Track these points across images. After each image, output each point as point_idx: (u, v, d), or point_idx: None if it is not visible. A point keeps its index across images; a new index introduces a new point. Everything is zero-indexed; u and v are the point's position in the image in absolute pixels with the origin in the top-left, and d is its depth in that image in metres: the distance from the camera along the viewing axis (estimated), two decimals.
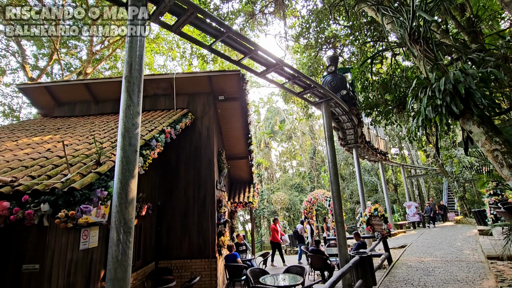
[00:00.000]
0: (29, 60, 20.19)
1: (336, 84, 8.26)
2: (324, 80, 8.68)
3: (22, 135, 7.11)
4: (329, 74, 8.63)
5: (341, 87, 8.23)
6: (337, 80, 8.31)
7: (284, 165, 40.91)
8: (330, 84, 8.42)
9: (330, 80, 8.51)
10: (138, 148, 3.27)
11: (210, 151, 8.66)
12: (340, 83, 8.22)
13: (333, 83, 8.33)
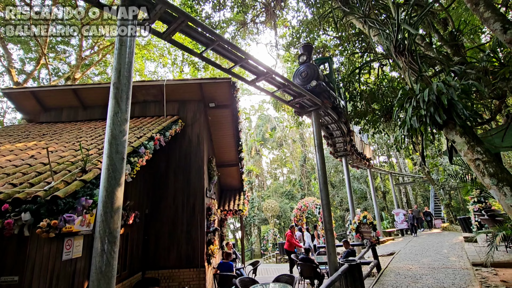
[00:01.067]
0: (15, 64, 19.75)
1: (308, 74, 7.10)
2: (295, 72, 7.55)
3: (5, 141, 6.89)
4: (301, 65, 7.45)
5: (312, 77, 7.00)
6: (309, 71, 7.14)
7: (275, 172, 40.95)
8: (301, 75, 7.20)
9: (301, 71, 7.29)
10: (125, 155, 3.22)
11: (200, 158, 8.59)
12: (312, 74, 7.05)
13: (303, 74, 7.13)
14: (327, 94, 7.16)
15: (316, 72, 7.02)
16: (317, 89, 6.80)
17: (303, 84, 7.07)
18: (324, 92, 7.04)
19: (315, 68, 7.11)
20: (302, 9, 9.54)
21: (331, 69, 8.13)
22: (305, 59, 7.43)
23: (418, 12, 5.45)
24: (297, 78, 7.34)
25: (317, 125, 6.84)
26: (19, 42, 19.51)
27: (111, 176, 2.99)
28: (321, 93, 6.96)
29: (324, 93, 7.05)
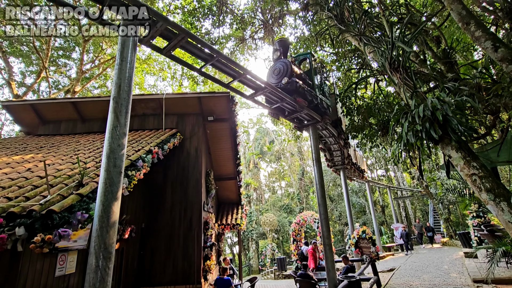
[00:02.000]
0: (16, 77, 19.92)
1: (280, 71, 6.44)
2: (269, 70, 6.92)
3: (2, 153, 6.86)
4: (276, 61, 6.79)
5: (284, 74, 6.32)
6: (281, 67, 6.48)
7: (273, 185, 40.72)
8: (273, 73, 6.50)
9: (274, 68, 6.63)
10: (123, 169, 3.22)
11: (198, 172, 8.56)
12: (285, 70, 6.38)
13: (276, 71, 6.48)
14: (302, 92, 6.33)
15: (289, 68, 6.36)
16: (289, 86, 6.11)
17: (277, 83, 6.43)
18: (298, 90, 6.20)
19: (288, 64, 6.43)
20: (299, 26, 9.84)
21: (311, 66, 7.41)
22: (279, 55, 6.76)
23: (412, 30, 5.63)
24: (271, 76, 6.66)
25: (314, 139, 6.88)
26: (21, 55, 19.76)
27: (108, 190, 2.98)
28: (295, 91, 6.19)
29: (298, 91, 6.23)
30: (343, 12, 5.25)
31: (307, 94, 6.48)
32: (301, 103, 6.14)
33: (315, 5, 6.67)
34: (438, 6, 6.81)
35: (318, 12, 6.47)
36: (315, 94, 6.88)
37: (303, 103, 6.24)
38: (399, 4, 6.56)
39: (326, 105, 7.42)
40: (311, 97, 6.70)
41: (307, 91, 6.52)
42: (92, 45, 20.45)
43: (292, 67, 6.36)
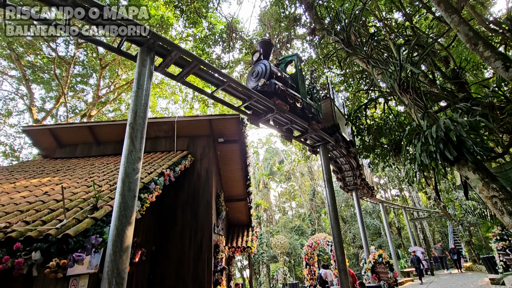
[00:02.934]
0: (36, 102, 20.94)
1: (259, 73, 5.95)
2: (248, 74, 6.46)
3: (21, 176, 7.08)
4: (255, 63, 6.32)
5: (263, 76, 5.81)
6: (259, 69, 6.00)
7: (284, 206, 39.98)
8: (252, 76, 6.04)
9: (253, 71, 6.16)
10: (137, 193, 3.27)
11: (209, 193, 8.55)
12: (263, 72, 5.88)
13: (254, 74, 6.01)
14: (282, 95, 5.76)
15: (268, 69, 5.84)
16: (266, 88, 5.59)
17: (255, 86, 5.95)
18: (277, 92, 5.62)
19: (266, 66, 5.93)
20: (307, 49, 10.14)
21: (297, 68, 6.84)
22: (259, 57, 6.23)
23: (419, 51, 5.71)
24: (250, 80, 6.17)
25: (325, 160, 6.84)
26: (42, 82, 20.88)
27: (122, 214, 3.02)
28: (274, 93, 5.63)
29: (277, 93, 5.64)
30: (349, 36, 5.41)
31: (288, 97, 5.91)
32: (281, 105, 5.55)
33: (321, 30, 6.90)
34: (444, 27, 6.92)
35: (325, 37, 6.67)
36: (297, 96, 6.27)
37: (283, 106, 5.65)
38: (405, 27, 6.71)
39: (315, 110, 6.84)
40: (294, 101, 6.12)
41: (289, 94, 5.98)
42: (108, 71, 21.49)
43: (271, 68, 5.89)
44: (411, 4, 7.25)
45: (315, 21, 7.02)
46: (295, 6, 8.22)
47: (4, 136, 22.57)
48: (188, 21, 10.33)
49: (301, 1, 7.27)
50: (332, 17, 6.40)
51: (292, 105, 6.09)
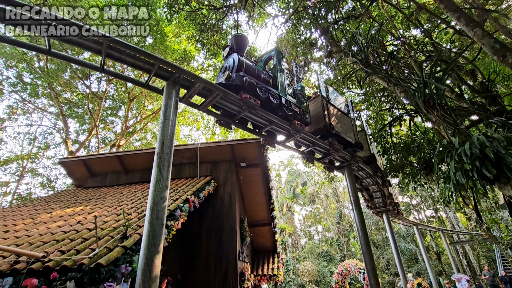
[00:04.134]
0: (71, 135, 22.53)
1: (226, 68, 5.38)
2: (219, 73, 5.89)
3: (56, 206, 7.48)
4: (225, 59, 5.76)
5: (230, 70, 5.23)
6: (228, 64, 5.40)
7: (309, 230, 38.48)
8: (221, 72, 5.47)
9: (222, 67, 5.67)
10: (165, 221, 3.32)
11: (232, 219, 8.49)
12: (231, 66, 5.29)
13: (223, 69, 5.46)
14: (251, 89, 5.07)
15: (235, 63, 5.26)
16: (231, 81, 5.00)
17: (221, 82, 5.34)
18: (245, 86, 4.97)
19: (235, 58, 5.35)
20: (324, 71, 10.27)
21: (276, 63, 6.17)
22: (229, 51, 5.63)
23: (442, 66, 5.57)
24: (219, 77, 5.61)
25: (351, 182, 6.62)
26: (76, 116, 22.56)
27: (151, 243, 3.06)
28: (241, 87, 4.96)
29: (245, 87, 4.98)
30: (367, 57, 5.43)
31: (260, 91, 5.23)
32: (248, 100, 4.82)
33: (338, 52, 7.00)
34: (467, 40, 6.77)
35: (342, 58, 6.74)
36: (277, 94, 5.61)
37: (252, 102, 4.88)
38: (425, 43, 6.64)
39: (299, 109, 6.07)
40: (268, 96, 5.39)
41: (262, 88, 5.33)
42: (135, 103, 22.88)
43: (240, 61, 5.29)
44: (429, 21, 7.21)
45: (331, 44, 7.16)
46: (310, 31, 8.46)
47: (42, 168, 24.22)
48: (208, 52, 10.93)
49: (316, 26, 7.49)
50: (348, 39, 6.50)
51: (265, 101, 5.28)
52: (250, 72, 5.36)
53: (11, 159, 21.79)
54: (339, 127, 7.11)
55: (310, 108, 7.07)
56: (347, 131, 7.40)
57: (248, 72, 5.31)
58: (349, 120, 7.82)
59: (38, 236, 4.54)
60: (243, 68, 5.25)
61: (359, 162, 7.38)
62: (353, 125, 7.87)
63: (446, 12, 4.80)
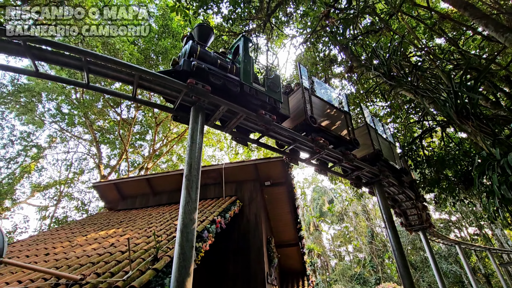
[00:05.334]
0: (103, 160, 23.85)
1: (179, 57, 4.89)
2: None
3: (91, 229, 7.81)
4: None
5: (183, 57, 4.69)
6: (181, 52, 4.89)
7: (339, 250, 36.62)
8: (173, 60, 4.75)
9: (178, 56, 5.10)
10: (194, 243, 3.35)
11: (259, 239, 8.32)
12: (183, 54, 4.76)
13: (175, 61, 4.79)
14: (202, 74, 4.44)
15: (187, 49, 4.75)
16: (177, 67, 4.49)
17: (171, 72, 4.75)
18: (194, 71, 4.37)
19: (187, 46, 4.80)
20: (346, 86, 10.21)
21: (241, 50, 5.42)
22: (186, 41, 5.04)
23: (473, 74, 5.33)
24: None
25: (382, 199, 6.31)
26: (108, 142, 23.96)
27: (181, 265, 3.07)
28: (190, 73, 4.38)
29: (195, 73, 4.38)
30: (390, 69, 5.34)
31: (212, 78, 4.61)
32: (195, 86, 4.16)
33: (359, 66, 6.96)
34: (497, 46, 6.45)
35: (364, 72, 6.68)
36: (238, 81, 4.92)
37: (201, 88, 4.22)
38: (451, 52, 6.42)
39: (268, 98, 5.18)
40: (225, 82, 4.72)
41: (217, 75, 4.70)
42: (162, 127, 23.94)
43: (192, 47, 4.78)
44: (453, 29, 7.01)
45: (351, 59, 7.15)
46: (329, 48, 8.53)
47: (77, 192, 25.64)
48: None
49: (335, 43, 7.55)
50: (368, 54, 6.47)
51: (221, 88, 4.65)
52: (204, 59, 4.78)
53: (50, 185, 23.34)
54: (327, 121, 6.16)
55: (291, 102, 6.33)
56: (338, 127, 6.41)
57: (202, 59, 4.74)
58: (342, 115, 6.76)
59: (76, 258, 4.74)
60: (196, 54, 4.71)
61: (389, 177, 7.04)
62: (348, 121, 6.75)
63: (472, 20, 4.66)
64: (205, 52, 4.85)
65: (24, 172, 21.82)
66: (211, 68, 4.68)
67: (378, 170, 6.29)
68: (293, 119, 6.08)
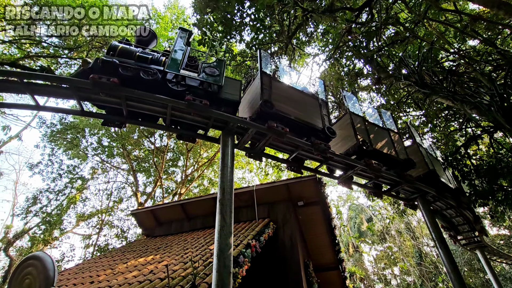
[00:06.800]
0: (139, 188, 25.00)
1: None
2: None
3: (131, 256, 8.04)
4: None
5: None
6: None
7: (384, 273, 33.72)
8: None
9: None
10: (232, 269, 3.28)
11: (296, 263, 7.96)
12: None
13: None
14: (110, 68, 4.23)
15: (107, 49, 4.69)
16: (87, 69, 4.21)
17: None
18: (101, 66, 4.20)
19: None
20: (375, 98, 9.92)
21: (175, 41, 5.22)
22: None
23: None
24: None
25: (428, 215, 5.78)
26: (143, 170, 25.19)
27: None
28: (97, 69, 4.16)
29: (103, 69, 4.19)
30: (422, 77, 5.10)
31: (123, 70, 4.33)
32: (97, 81, 3.94)
33: (388, 77, 6.76)
34: None
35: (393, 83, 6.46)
36: (156, 69, 4.60)
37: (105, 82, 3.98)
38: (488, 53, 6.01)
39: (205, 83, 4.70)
40: (139, 72, 4.44)
41: (128, 66, 4.43)
42: (192, 153, 24.78)
43: (110, 47, 4.75)
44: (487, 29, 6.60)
45: (378, 71, 6.98)
46: (353, 62, 8.44)
47: (117, 220, 26.86)
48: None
49: (359, 57, 7.47)
50: (396, 63, 6.28)
51: (134, 80, 4.36)
52: (124, 55, 4.67)
53: (93, 214, 24.79)
54: (292, 108, 5.25)
55: (248, 94, 5.78)
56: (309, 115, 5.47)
57: (122, 55, 4.64)
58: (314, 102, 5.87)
59: (118, 286, 4.85)
60: (115, 52, 4.63)
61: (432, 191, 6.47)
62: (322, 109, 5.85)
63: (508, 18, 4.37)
64: (127, 48, 4.77)
65: (70, 203, 23.47)
66: (123, 61, 4.48)
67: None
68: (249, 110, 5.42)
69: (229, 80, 5.17)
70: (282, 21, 7.80)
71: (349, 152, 5.63)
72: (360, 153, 5.58)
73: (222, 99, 4.79)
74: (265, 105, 4.67)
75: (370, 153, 5.55)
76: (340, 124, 6.27)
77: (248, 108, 5.41)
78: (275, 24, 8.28)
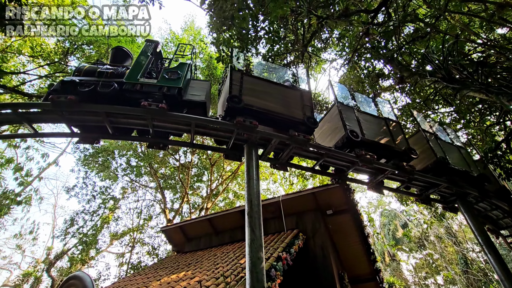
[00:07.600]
0: (167, 204, 25.60)
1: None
2: None
3: (163, 273, 8.15)
4: None
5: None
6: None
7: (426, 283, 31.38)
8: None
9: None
10: (265, 283, 3.20)
11: (330, 275, 7.64)
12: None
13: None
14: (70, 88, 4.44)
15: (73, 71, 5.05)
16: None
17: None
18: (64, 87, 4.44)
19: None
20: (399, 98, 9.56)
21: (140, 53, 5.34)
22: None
23: None
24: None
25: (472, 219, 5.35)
26: (170, 187, 25.85)
27: None
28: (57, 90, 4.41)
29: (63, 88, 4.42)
30: (450, 72, 4.84)
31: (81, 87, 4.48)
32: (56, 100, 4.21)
33: (411, 75, 6.50)
34: None
35: (418, 81, 6.19)
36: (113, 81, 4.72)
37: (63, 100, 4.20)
38: None
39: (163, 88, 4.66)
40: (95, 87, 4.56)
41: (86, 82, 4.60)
42: (216, 167, 25.12)
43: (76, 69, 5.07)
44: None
45: (400, 70, 6.74)
46: (372, 64, 8.25)
47: (147, 237, 27.55)
48: None
49: (378, 57, 7.28)
50: (419, 60, 6.04)
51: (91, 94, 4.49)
52: (89, 73, 4.93)
53: (125, 233, 25.64)
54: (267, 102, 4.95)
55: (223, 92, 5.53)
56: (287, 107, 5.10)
57: (86, 74, 4.91)
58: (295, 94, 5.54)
59: None
60: (80, 73, 4.92)
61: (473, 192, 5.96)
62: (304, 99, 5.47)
63: None
64: (92, 67, 5.04)
65: (104, 223, 24.50)
66: (83, 79, 4.69)
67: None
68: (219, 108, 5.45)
69: (196, 81, 5.24)
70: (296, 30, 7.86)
71: (337, 145, 5.32)
72: (350, 145, 5.26)
73: (185, 101, 4.77)
74: (231, 100, 4.52)
75: (362, 144, 5.19)
76: (329, 116, 6.03)
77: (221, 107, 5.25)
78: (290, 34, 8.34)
